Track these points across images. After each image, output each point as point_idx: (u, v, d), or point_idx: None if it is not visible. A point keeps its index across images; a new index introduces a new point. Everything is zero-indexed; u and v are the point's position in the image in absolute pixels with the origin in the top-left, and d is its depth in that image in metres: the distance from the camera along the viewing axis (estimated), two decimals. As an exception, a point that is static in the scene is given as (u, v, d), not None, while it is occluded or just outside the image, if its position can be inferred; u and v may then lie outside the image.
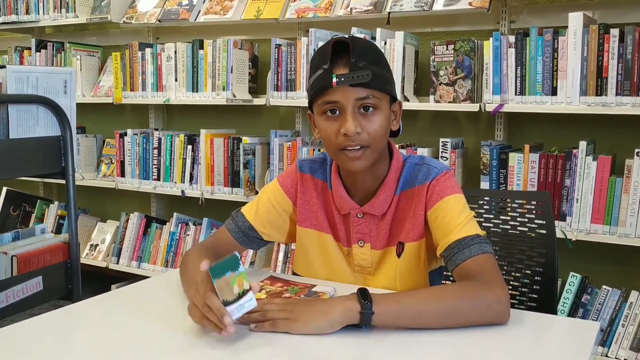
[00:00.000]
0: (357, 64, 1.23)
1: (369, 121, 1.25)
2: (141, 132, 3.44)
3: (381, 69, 1.27)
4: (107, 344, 1.07)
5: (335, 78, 1.23)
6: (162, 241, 3.39)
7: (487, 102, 2.45)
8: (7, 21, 3.81)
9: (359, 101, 1.24)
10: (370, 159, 1.28)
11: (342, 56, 1.24)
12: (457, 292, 1.16)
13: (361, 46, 1.26)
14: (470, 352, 1.05)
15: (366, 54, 1.25)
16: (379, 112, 1.27)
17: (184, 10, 3.22)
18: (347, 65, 1.23)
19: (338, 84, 1.23)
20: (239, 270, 1.07)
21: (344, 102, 1.24)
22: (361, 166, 1.29)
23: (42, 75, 2.12)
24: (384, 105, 1.28)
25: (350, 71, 1.22)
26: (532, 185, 2.39)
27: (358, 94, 1.24)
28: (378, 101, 1.26)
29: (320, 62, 1.26)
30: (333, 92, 1.24)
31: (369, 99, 1.24)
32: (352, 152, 1.26)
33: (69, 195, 2.16)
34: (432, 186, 1.33)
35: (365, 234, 1.38)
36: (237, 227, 1.44)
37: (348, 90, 1.23)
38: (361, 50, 1.25)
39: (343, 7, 2.80)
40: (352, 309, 1.08)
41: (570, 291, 2.41)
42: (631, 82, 2.21)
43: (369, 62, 1.24)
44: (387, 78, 1.29)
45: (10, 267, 2.06)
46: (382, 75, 1.27)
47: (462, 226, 1.27)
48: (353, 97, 1.24)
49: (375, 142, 1.27)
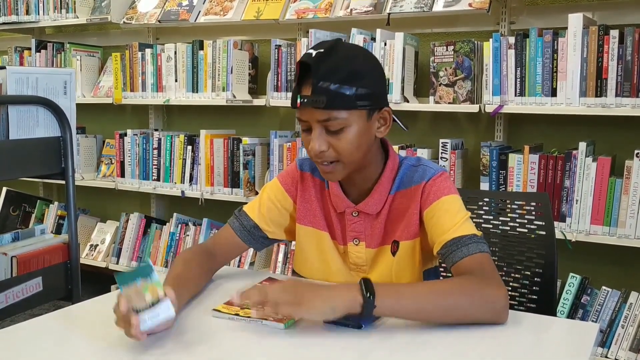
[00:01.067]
0: (317, 86, 1.22)
1: (336, 139, 1.26)
2: (141, 132, 3.44)
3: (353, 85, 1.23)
4: (107, 345, 1.07)
5: (299, 99, 1.25)
6: (162, 241, 3.39)
7: (487, 103, 2.45)
8: (7, 21, 3.81)
9: (322, 122, 1.25)
10: (343, 172, 1.31)
11: (309, 76, 1.24)
12: (457, 287, 1.17)
13: (329, 66, 1.22)
14: (469, 354, 1.05)
15: (333, 74, 1.22)
16: (348, 129, 1.26)
17: (184, 10, 3.22)
18: (310, 86, 1.23)
19: (301, 106, 1.25)
20: (153, 279, 1.06)
21: (310, 122, 1.27)
22: (334, 179, 1.34)
23: (42, 76, 2.12)
24: (354, 121, 1.25)
25: (311, 93, 1.23)
26: (531, 186, 2.40)
27: (320, 115, 1.24)
28: (344, 120, 1.24)
29: (294, 78, 1.29)
30: (301, 111, 1.27)
31: (330, 120, 1.24)
32: (322, 166, 1.30)
33: (69, 196, 2.16)
34: (428, 186, 1.34)
35: (360, 233, 1.39)
36: (242, 226, 1.45)
37: (312, 111, 1.24)
38: (327, 70, 1.22)
39: (343, 7, 2.80)
40: (355, 300, 1.09)
41: (570, 292, 2.41)
42: (631, 84, 2.21)
43: (336, 81, 1.22)
44: (361, 94, 1.24)
45: (10, 268, 2.06)
46: (350, 93, 1.23)
47: (459, 225, 1.28)
48: (316, 117, 1.25)
49: (345, 158, 1.28)
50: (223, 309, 1.21)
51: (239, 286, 1.33)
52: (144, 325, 1.03)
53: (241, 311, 1.19)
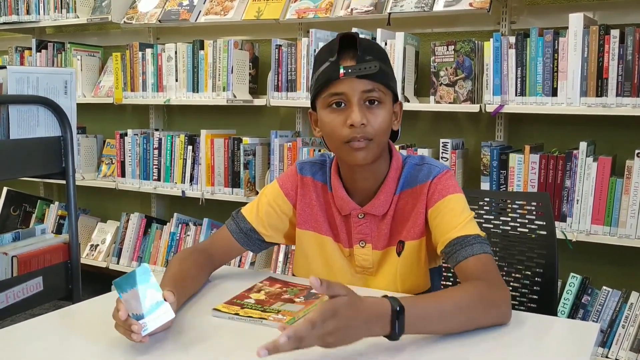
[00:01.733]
0: (364, 57, 1.25)
1: (373, 114, 1.26)
2: (141, 132, 3.44)
3: (387, 65, 1.30)
4: (107, 344, 1.07)
5: (342, 69, 1.24)
6: (162, 241, 3.39)
7: (488, 103, 2.45)
8: (8, 21, 3.81)
9: (365, 93, 1.25)
10: (373, 153, 1.29)
11: (349, 50, 1.26)
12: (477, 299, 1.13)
13: (367, 42, 1.29)
14: (470, 354, 1.05)
15: (372, 49, 1.28)
16: (383, 107, 1.28)
17: (184, 10, 3.22)
18: (354, 57, 1.25)
19: (345, 75, 1.24)
20: (150, 283, 1.05)
21: (350, 94, 1.25)
22: (364, 158, 1.28)
23: (42, 76, 2.12)
24: (388, 101, 1.29)
25: (357, 63, 1.24)
26: (532, 186, 2.39)
27: (365, 85, 1.25)
28: (383, 96, 1.27)
29: (327, 55, 1.28)
30: (340, 84, 1.25)
31: (375, 92, 1.26)
32: (356, 143, 1.26)
33: (70, 196, 2.16)
34: (433, 184, 1.33)
35: (366, 235, 1.38)
36: (239, 228, 1.44)
37: (355, 82, 1.24)
38: (368, 45, 1.27)
39: (343, 7, 2.80)
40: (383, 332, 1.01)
41: (571, 292, 2.41)
42: (631, 83, 2.21)
43: (377, 56, 1.27)
44: (391, 75, 1.31)
45: (11, 268, 2.06)
46: (387, 72, 1.29)
47: (464, 225, 1.27)
48: (360, 88, 1.25)
49: (379, 136, 1.28)
50: (223, 308, 1.21)
51: (238, 286, 1.33)
52: (145, 330, 1.03)
53: (241, 311, 1.19)
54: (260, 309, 1.20)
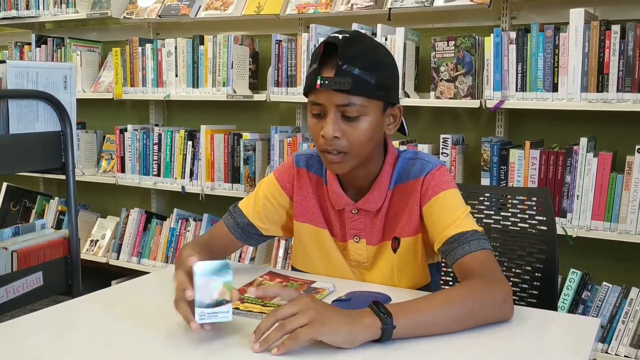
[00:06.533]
0: (342, 69, 1.19)
1: (351, 127, 1.23)
2: (141, 127, 3.44)
3: (374, 74, 1.22)
4: (107, 340, 1.07)
5: (319, 80, 1.21)
6: (162, 237, 3.39)
7: (488, 99, 2.45)
8: (7, 16, 3.80)
9: (341, 107, 1.22)
10: (350, 164, 1.27)
11: (332, 57, 1.21)
12: (470, 294, 1.13)
13: (354, 50, 1.21)
14: (470, 349, 1.05)
15: (358, 59, 1.21)
16: (364, 119, 1.23)
17: (184, 5, 3.21)
18: (334, 68, 1.20)
19: (321, 87, 1.21)
20: (226, 279, 1.05)
21: (327, 105, 1.23)
22: (340, 170, 1.29)
23: (42, 71, 2.12)
24: (371, 111, 1.24)
25: (335, 75, 1.20)
26: (532, 182, 2.39)
27: (341, 100, 1.21)
28: (363, 108, 1.22)
29: (313, 60, 1.25)
30: (318, 94, 1.23)
31: (350, 106, 1.21)
32: (329, 156, 1.26)
33: (69, 191, 2.16)
34: (426, 180, 1.32)
35: (360, 230, 1.37)
36: (236, 223, 1.44)
37: (331, 94, 1.21)
38: (353, 54, 1.21)
39: (344, 3, 2.79)
40: (374, 325, 1.02)
41: (571, 288, 2.41)
42: (632, 79, 2.21)
43: (360, 67, 1.20)
44: (381, 84, 1.23)
45: (11, 263, 2.06)
46: (372, 81, 1.22)
47: (460, 221, 1.26)
48: (336, 102, 1.21)
49: (355, 149, 1.25)
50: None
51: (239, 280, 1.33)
52: (200, 319, 1.03)
53: (241, 305, 1.19)
54: (260, 303, 1.20)
